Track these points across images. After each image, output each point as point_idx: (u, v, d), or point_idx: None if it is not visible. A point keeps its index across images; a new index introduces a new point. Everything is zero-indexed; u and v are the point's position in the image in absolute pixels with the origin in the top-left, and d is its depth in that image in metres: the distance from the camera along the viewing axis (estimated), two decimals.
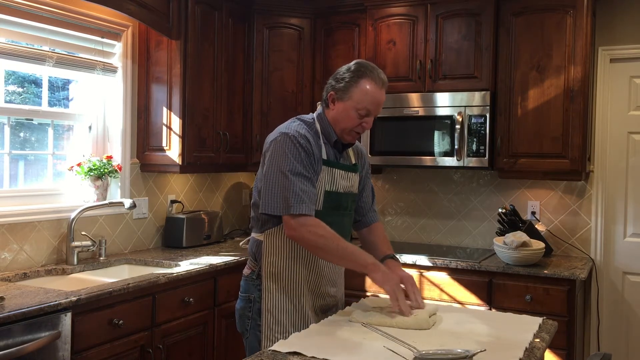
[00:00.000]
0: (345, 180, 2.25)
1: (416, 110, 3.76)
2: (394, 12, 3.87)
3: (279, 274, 2.18)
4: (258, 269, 2.21)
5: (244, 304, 2.25)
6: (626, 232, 3.76)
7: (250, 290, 2.23)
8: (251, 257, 2.27)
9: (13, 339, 2.20)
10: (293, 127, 2.16)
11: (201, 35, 3.64)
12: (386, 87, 2.21)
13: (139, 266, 3.35)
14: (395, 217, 4.31)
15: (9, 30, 2.98)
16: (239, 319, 2.28)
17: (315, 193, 2.13)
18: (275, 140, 2.14)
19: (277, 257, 2.18)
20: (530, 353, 1.81)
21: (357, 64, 2.21)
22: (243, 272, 2.30)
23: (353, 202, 2.33)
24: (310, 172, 2.11)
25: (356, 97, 2.16)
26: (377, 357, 1.71)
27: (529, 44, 3.57)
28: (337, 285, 2.33)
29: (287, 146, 2.10)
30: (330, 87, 2.23)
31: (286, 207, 2.05)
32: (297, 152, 2.09)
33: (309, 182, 2.09)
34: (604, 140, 3.80)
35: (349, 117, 2.17)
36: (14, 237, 2.96)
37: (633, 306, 3.73)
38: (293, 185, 2.05)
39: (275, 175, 2.09)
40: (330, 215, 2.19)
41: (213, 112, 3.77)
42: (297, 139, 2.10)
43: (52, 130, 3.34)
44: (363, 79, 2.16)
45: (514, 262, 3.36)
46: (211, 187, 4.31)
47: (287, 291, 2.18)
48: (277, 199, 2.07)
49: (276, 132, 2.18)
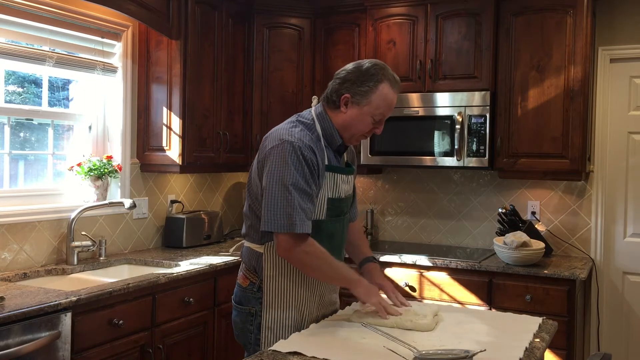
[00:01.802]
0: (346, 184, 2.17)
1: (416, 110, 3.76)
2: (394, 12, 3.87)
3: (282, 289, 2.09)
4: (259, 282, 2.10)
5: (244, 317, 2.13)
6: (626, 232, 3.76)
7: (251, 302, 2.11)
8: (249, 269, 2.14)
9: (13, 339, 2.20)
10: (296, 135, 2.01)
11: (201, 35, 3.64)
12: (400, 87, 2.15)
13: (139, 266, 3.35)
14: (395, 217, 4.31)
15: (9, 30, 2.98)
16: (240, 332, 2.17)
17: (314, 209, 2.03)
18: (276, 147, 1.99)
19: (280, 272, 2.09)
20: (530, 353, 1.81)
21: (375, 66, 2.07)
22: (238, 281, 2.18)
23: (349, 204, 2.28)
24: (312, 189, 1.99)
25: (375, 102, 2.06)
26: (377, 357, 1.71)
27: (529, 44, 3.57)
28: (336, 290, 2.32)
29: (289, 157, 1.96)
30: (344, 88, 2.07)
31: (290, 224, 1.93)
32: (300, 165, 1.96)
33: (309, 200, 1.98)
34: (604, 140, 3.80)
35: (363, 122, 2.08)
36: (14, 237, 2.96)
37: (633, 306, 3.73)
38: (295, 200, 1.93)
39: (277, 190, 1.95)
40: (333, 222, 2.13)
41: (213, 112, 3.77)
42: (301, 150, 1.97)
43: (52, 130, 3.34)
44: (382, 83, 2.06)
45: (514, 262, 3.36)
46: (211, 187, 4.31)
47: (290, 307, 2.10)
48: (280, 216, 1.94)
49: (276, 138, 2.02)
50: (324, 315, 2.20)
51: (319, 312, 2.19)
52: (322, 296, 2.20)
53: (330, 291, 2.25)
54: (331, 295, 2.26)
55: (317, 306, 2.18)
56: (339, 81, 2.10)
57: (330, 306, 2.26)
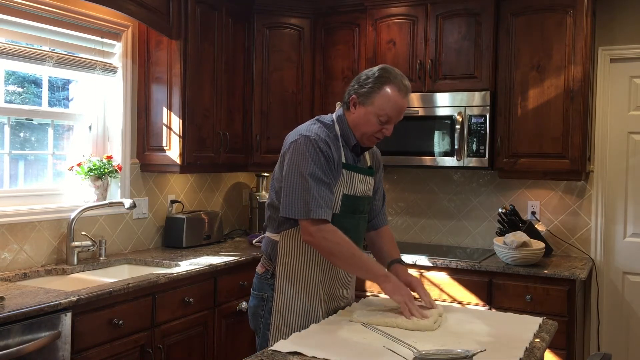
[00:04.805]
0: (363, 184, 2.26)
1: (416, 110, 3.76)
2: (394, 12, 3.87)
3: (293, 275, 2.19)
4: (272, 269, 2.22)
5: (257, 302, 2.26)
6: (626, 232, 3.76)
7: (264, 288, 2.24)
8: (266, 256, 2.27)
9: (13, 339, 2.20)
10: (314, 130, 2.14)
11: (201, 35, 3.64)
12: (409, 94, 2.20)
13: (139, 266, 3.35)
14: (395, 217, 4.31)
15: (9, 30, 2.98)
16: (251, 316, 2.29)
17: (333, 199, 2.13)
18: (295, 142, 2.13)
19: (293, 259, 2.19)
20: (530, 353, 1.81)
21: (381, 69, 2.18)
22: (257, 270, 2.31)
23: (368, 205, 2.35)
24: (329, 178, 2.10)
25: (378, 103, 2.14)
26: (377, 357, 1.71)
27: (529, 44, 3.57)
28: (350, 287, 2.35)
29: (307, 149, 2.09)
30: (352, 90, 2.20)
31: (306, 211, 2.05)
32: (317, 157, 2.08)
33: (327, 188, 2.09)
34: (604, 140, 3.80)
35: (369, 122, 2.16)
36: (14, 237, 2.96)
37: (633, 306, 3.73)
38: (312, 189, 2.05)
39: (295, 178, 2.08)
40: (347, 218, 2.20)
41: (213, 112, 3.77)
42: (317, 143, 2.10)
43: (52, 130, 3.34)
44: (386, 85, 2.14)
45: (514, 262, 3.36)
46: (211, 187, 4.31)
47: (300, 293, 2.18)
48: (297, 202, 2.07)
49: (296, 134, 2.17)
50: (335, 309, 2.24)
51: (328, 304, 2.24)
52: (333, 288, 2.25)
53: (342, 285, 2.28)
54: (342, 290, 2.29)
55: (327, 297, 2.23)
56: (351, 84, 2.23)
57: (341, 300, 2.30)
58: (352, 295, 2.38)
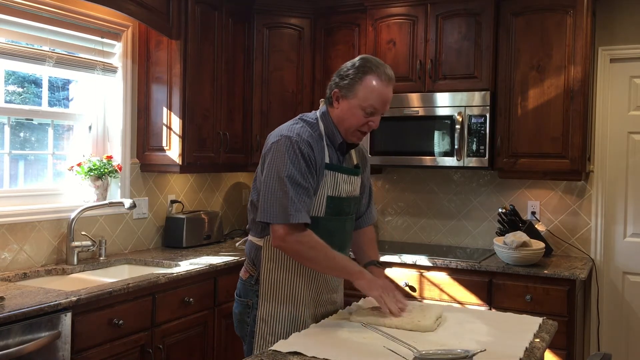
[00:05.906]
0: (348, 184, 2.18)
1: (416, 110, 3.76)
2: (394, 12, 3.87)
3: (278, 282, 2.12)
4: (257, 275, 2.15)
5: (242, 309, 2.19)
6: (626, 232, 3.76)
7: (249, 295, 2.17)
8: (249, 261, 2.20)
9: (13, 339, 2.20)
10: (295, 130, 2.06)
11: (201, 35, 3.64)
12: (393, 83, 2.12)
13: (139, 266, 3.35)
14: (395, 217, 4.31)
15: (9, 30, 2.98)
16: (237, 323, 2.23)
17: (311, 203, 2.06)
18: (276, 143, 2.05)
19: (277, 265, 2.12)
20: (530, 353, 1.81)
21: (362, 59, 2.11)
22: (240, 275, 2.24)
23: (355, 206, 2.27)
24: (308, 182, 2.02)
25: (361, 94, 2.06)
26: (377, 357, 1.71)
27: (529, 43, 3.57)
28: (338, 290, 2.31)
29: (287, 151, 2.01)
30: (334, 84, 2.13)
31: (284, 215, 1.97)
32: (297, 160, 2.01)
33: (305, 193, 2.01)
34: (604, 140, 3.80)
35: (354, 115, 2.09)
36: (14, 237, 2.96)
37: (633, 306, 3.73)
38: (290, 192, 1.97)
39: (273, 181, 2.01)
40: (332, 221, 2.14)
41: (213, 112, 3.77)
42: (298, 145, 2.02)
43: (52, 130, 3.34)
44: (368, 75, 2.06)
45: (514, 262, 3.36)
46: (211, 187, 4.31)
47: (286, 300, 2.12)
48: (275, 207, 1.99)
49: (277, 134, 2.09)
50: (323, 315, 2.19)
51: (316, 309, 2.19)
52: (320, 294, 2.19)
53: (329, 290, 2.23)
54: (330, 295, 2.24)
55: (314, 303, 2.18)
56: (332, 78, 2.16)
57: (329, 305, 2.24)
58: (340, 299, 2.33)
